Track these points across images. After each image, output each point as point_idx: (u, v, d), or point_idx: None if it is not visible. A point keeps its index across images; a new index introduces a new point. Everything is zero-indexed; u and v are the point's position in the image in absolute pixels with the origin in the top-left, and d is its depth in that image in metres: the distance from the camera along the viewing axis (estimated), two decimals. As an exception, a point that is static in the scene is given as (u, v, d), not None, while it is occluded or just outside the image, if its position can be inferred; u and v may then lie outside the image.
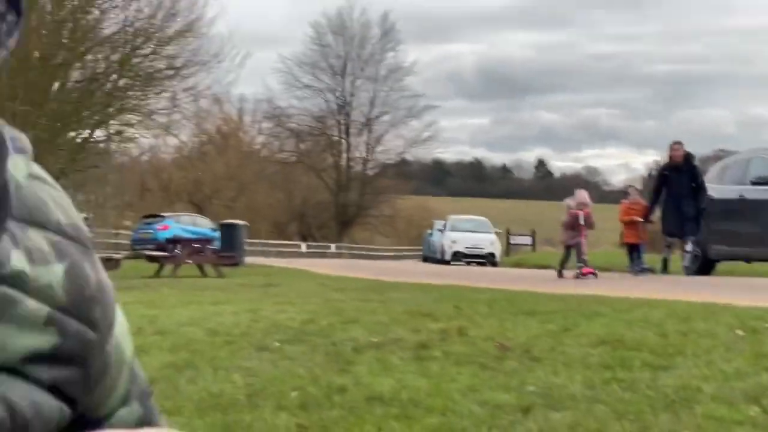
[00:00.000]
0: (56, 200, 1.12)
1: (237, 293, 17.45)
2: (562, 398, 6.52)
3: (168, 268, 25.09)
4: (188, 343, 9.66)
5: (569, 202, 22.63)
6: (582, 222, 21.77)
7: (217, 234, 35.19)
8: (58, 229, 1.09)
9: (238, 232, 32.88)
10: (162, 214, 45.74)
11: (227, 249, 30.96)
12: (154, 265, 25.61)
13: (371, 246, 67.77)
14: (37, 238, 1.05)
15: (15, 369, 0.99)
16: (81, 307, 1.07)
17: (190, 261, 25.46)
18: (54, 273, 1.05)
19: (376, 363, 8.18)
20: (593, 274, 21.58)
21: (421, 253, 55.37)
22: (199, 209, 56.92)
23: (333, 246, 61.95)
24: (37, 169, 1.10)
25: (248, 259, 34.83)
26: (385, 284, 20.02)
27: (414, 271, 28.91)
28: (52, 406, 1.04)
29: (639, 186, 29.23)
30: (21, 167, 1.04)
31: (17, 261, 1.01)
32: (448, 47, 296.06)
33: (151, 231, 41.20)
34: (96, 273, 1.11)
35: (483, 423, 5.75)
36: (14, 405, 0.98)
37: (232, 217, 41.14)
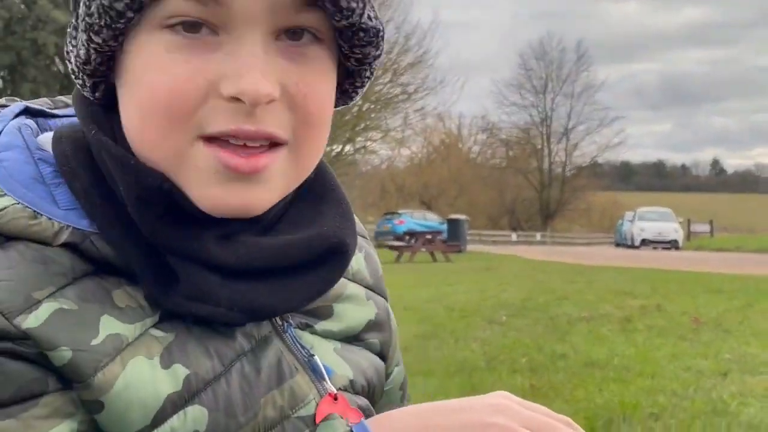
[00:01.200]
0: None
1: (464, 275, 17.52)
2: (756, 365, 6.26)
3: (406, 255, 25.39)
4: (431, 317, 9.78)
5: None
6: None
7: (444, 227, 35.26)
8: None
9: (461, 224, 32.89)
10: (399, 211, 46.19)
11: (453, 239, 31.05)
12: (395, 253, 25.96)
13: (570, 235, 66.46)
14: None
15: (358, 337, 1.03)
16: (378, 284, 1.11)
17: (424, 249, 25.66)
18: (359, 261, 1.09)
19: (588, 334, 8.06)
20: None
21: (612, 240, 54.06)
22: (428, 207, 57.33)
23: (538, 235, 61.14)
24: None
25: (469, 247, 34.89)
26: (586, 267, 19.66)
27: (609, 256, 28.28)
28: (382, 366, 1.07)
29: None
30: None
31: (354, 261, 1.07)
32: (632, 66, 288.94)
33: (391, 225, 41.51)
34: (377, 257, 1.15)
35: (689, 385, 5.58)
36: (367, 373, 1.01)
37: (455, 213, 41.26)
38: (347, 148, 39.67)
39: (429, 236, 27.01)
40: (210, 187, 0.84)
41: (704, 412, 4.86)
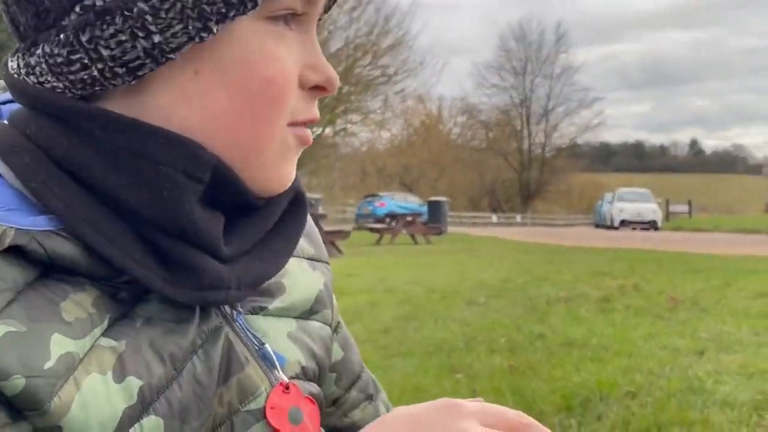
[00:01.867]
0: None
1: (444, 257, 17.56)
2: (731, 343, 6.30)
3: (386, 237, 25.39)
4: (411, 298, 9.79)
5: None
6: None
7: (425, 208, 35.34)
8: None
9: (441, 206, 32.94)
10: (379, 193, 46.17)
11: (433, 221, 31.10)
12: (376, 235, 25.97)
13: (550, 216, 66.72)
14: None
15: (312, 310, 1.02)
16: (319, 252, 1.10)
17: (404, 231, 25.67)
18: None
19: (566, 314, 8.10)
20: None
21: (592, 221, 54.31)
22: (409, 189, 57.42)
23: (518, 216, 61.37)
24: None
25: (450, 229, 34.94)
26: (566, 248, 19.74)
27: (588, 236, 28.40)
28: (330, 337, 1.06)
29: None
30: None
31: None
32: (611, 47, 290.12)
33: (371, 207, 41.57)
34: (314, 225, 1.13)
35: (665, 364, 5.62)
36: (317, 355, 1.00)
37: (436, 195, 41.31)
38: (327, 130, 39.63)
39: (409, 218, 27.01)
40: (282, 166, 0.88)
41: (680, 390, 4.90)
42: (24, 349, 0.74)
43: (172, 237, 0.82)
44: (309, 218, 1.08)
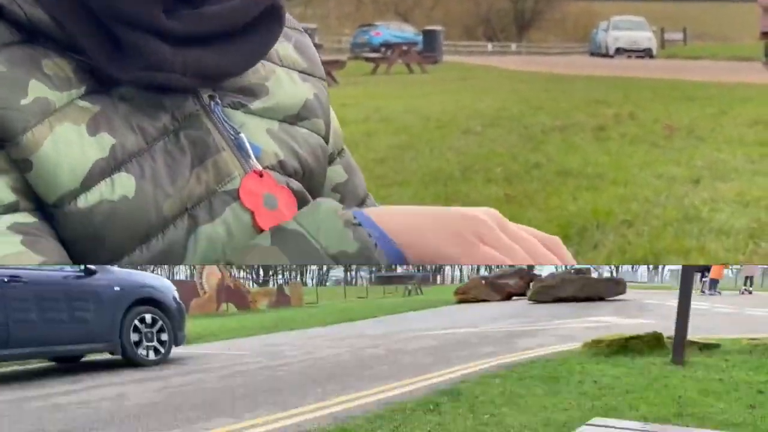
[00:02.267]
0: None
1: (440, 86, 17.28)
2: (727, 171, 6.22)
3: (382, 67, 24.99)
4: (406, 127, 9.64)
5: None
6: None
7: (420, 38, 34.72)
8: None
9: (436, 36, 32.43)
10: (375, 23, 45.26)
11: (429, 50, 30.60)
12: (371, 65, 25.56)
13: (545, 44, 65.59)
14: None
15: (299, 116, 1.04)
16: (314, 68, 1.11)
17: (400, 61, 25.28)
18: (286, 48, 1.10)
19: (562, 143, 7.99)
20: None
21: (587, 49, 53.49)
22: (404, 18, 56.24)
23: (513, 45, 60.30)
24: None
25: (445, 58, 34.37)
26: (560, 76, 19.44)
27: (584, 65, 27.96)
28: (324, 148, 1.08)
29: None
30: None
31: (281, 48, 1.09)
32: None
33: (367, 37, 40.87)
34: (312, 45, 1.15)
35: (661, 192, 5.54)
36: (302, 156, 1.03)
37: (431, 24, 40.48)
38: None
39: (405, 47, 26.56)
40: None
41: (676, 219, 4.84)
42: (2, 86, 0.81)
43: (112, 18, 0.85)
44: (306, 37, 1.13)
